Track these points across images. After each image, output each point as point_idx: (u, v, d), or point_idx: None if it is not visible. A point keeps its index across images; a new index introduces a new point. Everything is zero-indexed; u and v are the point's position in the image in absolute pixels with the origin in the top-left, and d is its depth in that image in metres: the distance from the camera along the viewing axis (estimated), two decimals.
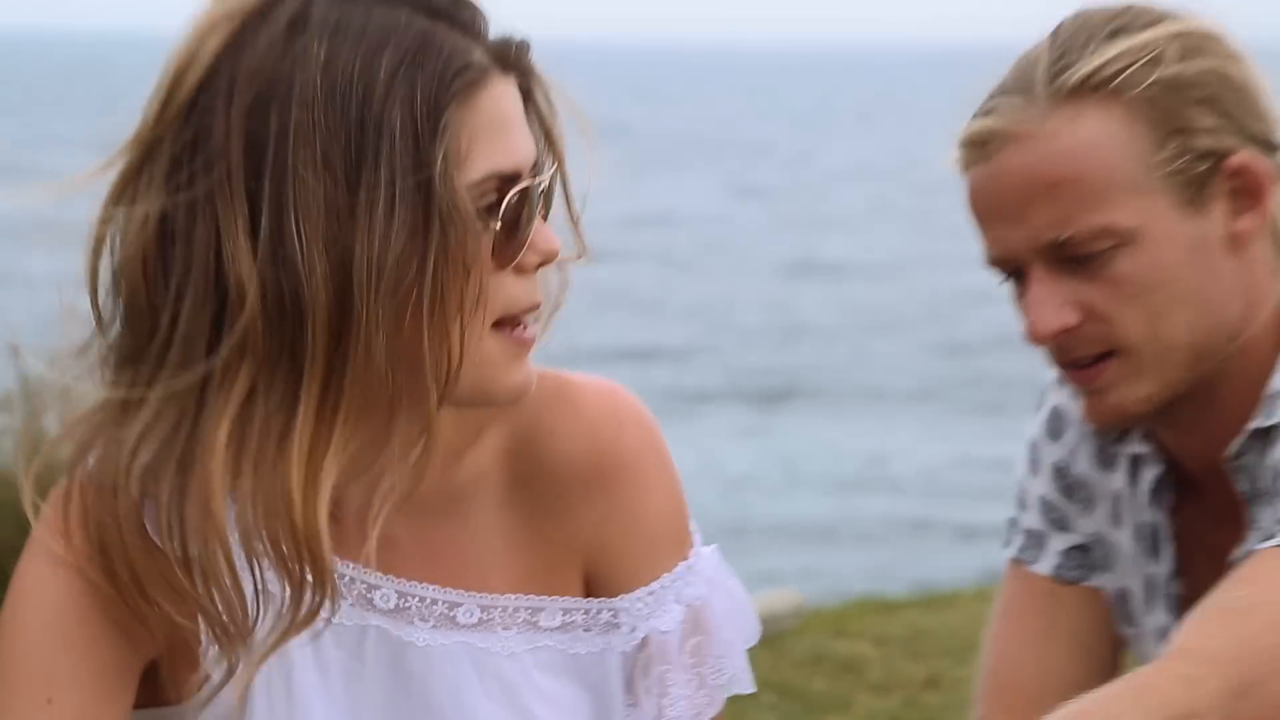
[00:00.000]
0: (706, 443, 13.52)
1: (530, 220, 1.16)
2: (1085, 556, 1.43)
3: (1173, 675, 1.14)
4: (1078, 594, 1.43)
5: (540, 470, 1.31)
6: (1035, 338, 1.29)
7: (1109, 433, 1.39)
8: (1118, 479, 1.39)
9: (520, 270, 1.16)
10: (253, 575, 1.15)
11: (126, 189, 1.12)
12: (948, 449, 14.23)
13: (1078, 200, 1.25)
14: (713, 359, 18.97)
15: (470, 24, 1.13)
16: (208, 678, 1.19)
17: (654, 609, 1.33)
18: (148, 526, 1.14)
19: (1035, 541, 1.45)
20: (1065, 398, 1.43)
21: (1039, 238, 1.26)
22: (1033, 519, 1.45)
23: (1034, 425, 1.47)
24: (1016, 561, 1.47)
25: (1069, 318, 1.27)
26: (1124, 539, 1.41)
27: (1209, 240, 1.28)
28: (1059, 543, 1.43)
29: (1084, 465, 1.42)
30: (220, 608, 1.14)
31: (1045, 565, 1.43)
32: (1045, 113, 1.26)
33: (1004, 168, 1.27)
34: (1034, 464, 1.46)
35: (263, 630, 1.17)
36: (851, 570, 10.44)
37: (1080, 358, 1.29)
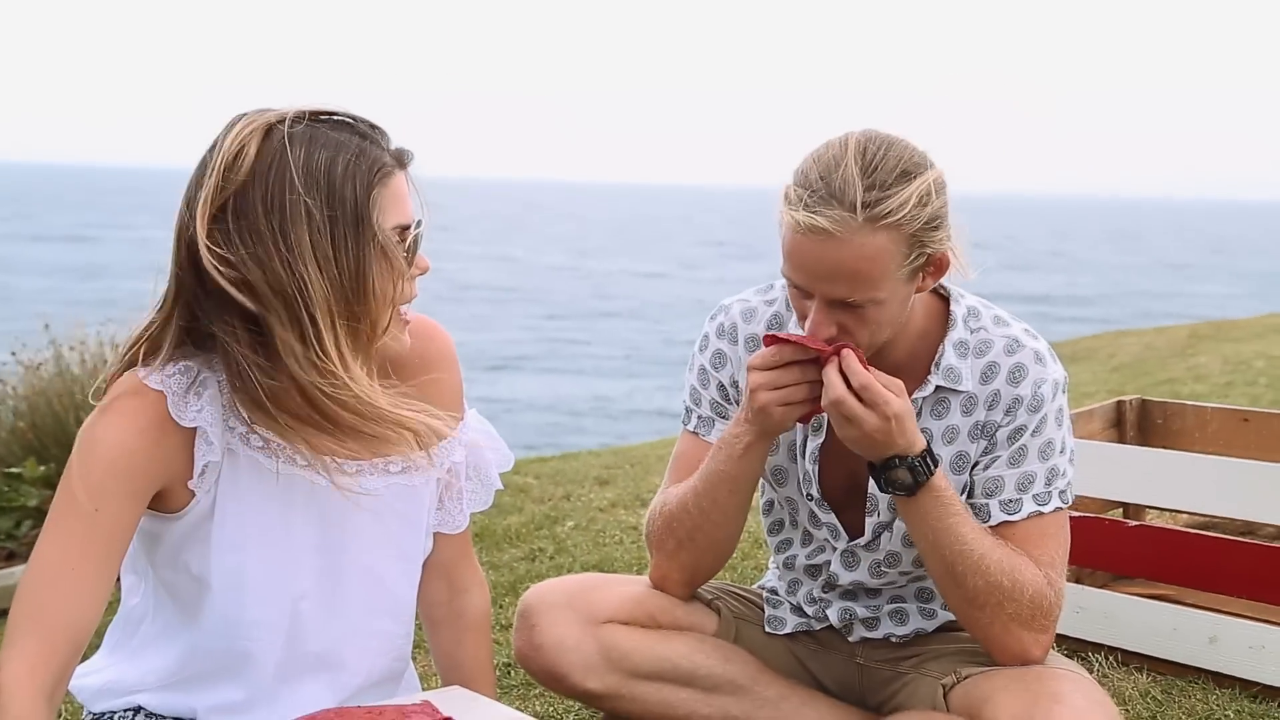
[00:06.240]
0: None
1: (416, 250, 1.70)
2: None
3: None
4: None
5: (394, 367, 1.80)
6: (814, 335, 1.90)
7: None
8: None
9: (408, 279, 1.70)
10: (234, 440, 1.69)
11: (211, 224, 1.60)
12: None
13: (862, 284, 1.84)
14: None
15: (381, 141, 1.68)
16: (193, 497, 1.69)
17: (451, 451, 1.89)
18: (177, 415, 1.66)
19: (708, 424, 2.17)
20: (724, 344, 2.15)
21: (831, 295, 1.87)
22: (705, 411, 2.18)
23: (703, 357, 2.17)
24: (693, 433, 2.18)
25: (832, 330, 1.90)
26: None
27: (911, 293, 1.92)
28: (720, 425, 2.16)
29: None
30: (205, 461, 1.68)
31: (713, 437, 2.16)
32: (858, 229, 1.80)
33: (824, 253, 1.83)
34: (704, 381, 2.17)
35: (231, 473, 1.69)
36: None
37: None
